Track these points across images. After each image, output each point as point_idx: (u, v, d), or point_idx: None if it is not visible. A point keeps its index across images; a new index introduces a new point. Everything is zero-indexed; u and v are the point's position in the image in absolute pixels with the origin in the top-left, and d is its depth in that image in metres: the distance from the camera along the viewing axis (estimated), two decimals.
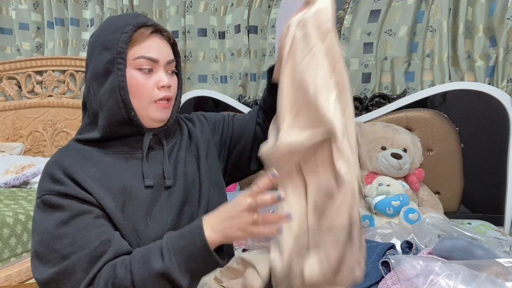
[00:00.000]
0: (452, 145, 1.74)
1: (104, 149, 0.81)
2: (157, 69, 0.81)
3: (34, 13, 2.28)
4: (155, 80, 0.80)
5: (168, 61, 0.83)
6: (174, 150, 0.89)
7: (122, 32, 0.77)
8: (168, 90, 0.82)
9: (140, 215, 0.77)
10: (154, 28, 0.81)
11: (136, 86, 0.78)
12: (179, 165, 0.87)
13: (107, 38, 0.78)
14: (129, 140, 0.82)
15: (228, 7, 2.08)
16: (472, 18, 1.73)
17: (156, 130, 0.85)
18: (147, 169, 0.82)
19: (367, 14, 1.87)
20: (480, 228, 1.53)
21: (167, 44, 0.84)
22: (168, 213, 0.81)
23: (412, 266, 0.85)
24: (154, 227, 0.78)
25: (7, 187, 1.82)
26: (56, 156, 0.80)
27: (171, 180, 0.84)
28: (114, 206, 0.75)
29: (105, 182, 0.76)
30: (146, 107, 0.80)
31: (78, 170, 0.75)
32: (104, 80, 0.77)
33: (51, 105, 2.20)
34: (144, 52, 0.79)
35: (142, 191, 0.80)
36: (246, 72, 2.07)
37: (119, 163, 0.81)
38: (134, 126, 0.80)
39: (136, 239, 0.76)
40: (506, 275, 0.83)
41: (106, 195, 0.75)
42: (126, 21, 0.79)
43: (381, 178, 1.60)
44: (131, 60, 0.78)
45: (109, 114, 0.78)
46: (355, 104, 1.95)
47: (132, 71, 0.78)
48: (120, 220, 0.75)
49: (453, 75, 1.76)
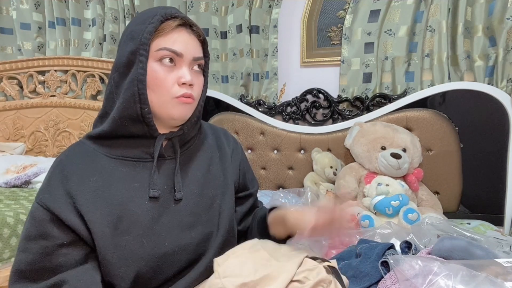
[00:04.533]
0: (451, 145, 1.74)
1: (113, 150, 0.77)
2: (181, 64, 0.75)
3: (35, 13, 2.28)
4: (177, 75, 0.74)
5: (194, 58, 0.76)
6: (192, 160, 0.82)
7: (149, 23, 0.72)
8: (189, 88, 0.75)
9: (135, 233, 0.72)
10: (183, 20, 0.75)
11: (155, 80, 0.73)
12: (190, 177, 0.80)
13: (134, 28, 0.74)
14: (139, 143, 0.77)
15: (229, 7, 2.08)
16: (472, 18, 1.73)
17: (170, 135, 0.79)
18: (156, 178, 0.76)
19: (367, 14, 1.88)
20: (480, 228, 1.54)
21: (195, 40, 0.78)
22: (169, 233, 0.75)
23: (411, 266, 0.85)
24: (149, 247, 0.73)
25: (7, 187, 1.81)
26: (64, 155, 0.77)
27: (181, 193, 0.77)
28: (106, 222, 0.70)
29: (103, 193, 0.72)
30: (166, 103, 0.74)
31: (76, 180, 0.72)
32: (127, 72, 0.73)
33: (53, 105, 2.20)
34: (168, 44, 0.73)
35: (143, 205, 0.74)
36: (248, 72, 2.08)
37: (125, 171, 0.75)
38: (146, 125, 0.75)
39: (126, 259, 0.71)
40: (505, 275, 0.83)
41: (99, 209, 0.71)
42: (156, 11, 0.74)
43: (380, 177, 1.60)
44: (154, 52, 0.73)
45: (123, 107, 0.73)
46: (356, 104, 1.96)
47: (153, 64, 0.73)
48: (107, 238, 0.70)
49: (453, 75, 1.77)
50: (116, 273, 0.71)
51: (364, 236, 1.31)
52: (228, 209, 0.84)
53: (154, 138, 0.77)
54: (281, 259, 0.72)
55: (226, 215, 0.83)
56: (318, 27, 2.02)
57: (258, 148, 2.05)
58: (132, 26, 0.75)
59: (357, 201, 1.63)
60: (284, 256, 0.74)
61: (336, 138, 1.93)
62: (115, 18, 2.20)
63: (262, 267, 0.69)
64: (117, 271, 0.71)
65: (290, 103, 2.07)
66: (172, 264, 0.75)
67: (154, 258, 0.72)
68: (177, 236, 0.76)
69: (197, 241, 0.78)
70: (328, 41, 2.02)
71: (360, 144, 1.69)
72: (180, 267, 0.76)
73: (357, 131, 1.75)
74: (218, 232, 0.81)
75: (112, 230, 0.71)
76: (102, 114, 0.79)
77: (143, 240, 0.72)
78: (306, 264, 0.72)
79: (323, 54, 2.03)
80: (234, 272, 0.69)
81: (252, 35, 2.05)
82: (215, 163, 0.87)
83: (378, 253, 1.05)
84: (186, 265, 0.77)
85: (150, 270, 0.73)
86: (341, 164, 1.88)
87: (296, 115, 2.06)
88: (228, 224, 0.83)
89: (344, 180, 1.66)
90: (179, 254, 0.75)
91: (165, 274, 0.75)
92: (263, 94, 2.10)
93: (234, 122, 2.07)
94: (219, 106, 2.15)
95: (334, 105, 1.99)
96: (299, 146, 2.00)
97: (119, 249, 0.71)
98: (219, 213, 0.82)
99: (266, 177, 2.06)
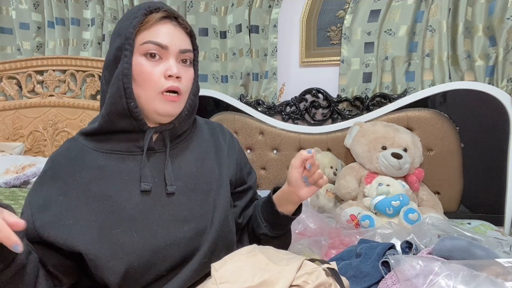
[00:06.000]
0: (452, 145, 1.74)
1: (102, 145, 0.77)
2: (167, 57, 0.74)
3: (34, 13, 2.28)
4: (163, 68, 0.74)
5: (181, 50, 0.75)
6: (184, 154, 0.82)
7: (134, 17, 0.73)
8: (177, 81, 0.74)
9: (125, 227, 0.71)
10: (167, 12, 0.75)
11: (141, 74, 0.72)
12: (184, 171, 0.80)
13: (121, 25, 0.74)
14: (128, 137, 0.76)
15: (229, 7, 2.08)
16: (472, 18, 1.73)
17: (160, 128, 0.78)
18: (146, 172, 0.75)
19: (367, 14, 1.88)
20: (480, 228, 1.53)
21: (182, 32, 0.77)
22: (161, 226, 0.74)
23: (412, 266, 0.85)
24: (140, 240, 0.71)
25: (7, 187, 1.81)
26: (55, 153, 0.79)
27: (173, 186, 0.76)
28: (94, 216, 0.71)
29: (91, 188, 0.73)
30: (152, 98, 0.74)
31: (64, 177, 0.74)
32: (114, 68, 0.73)
33: (52, 104, 2.20)
34: (152, 37, 0.73)
35: (134, 198, 0.73)
36: (248, 71, 2.08)
37: (113, 165, 0.75)
38: (134, 120, 0.74)
39: (116, 253, 0.70)
40: (505, 275, 0.83)
41: (87, 204, 0.71)
42: (140, 6, 0.74)
43: (381, 177, 1.60)
44: (139, 46, 0.73)
45: (110, 102, 0.73)
46: (356, 104, 1.95)
47: (139, 58, 0.73)
48: (94, 231, 0.70)
49: (453, 74, 1.76)
50: (105, 267, 0.70)
51: (364, 236, 1.30)
52: (223, 204, 0.83)
53: (143, 132, 0.77)
54: (280, 263, 0.71)
55: (221, 210, 0.82)
56: (318, 26, 2.02)
57: (258, 148, 2.05)
58: (120, 23, 0.76)
59: (357, 201, 1.62)
60: (283, 260, 0.73)
61: (336, 138, 1.93)
62: (114, 18, 2.20)
63: (260, 272, 0.68)
64: (106, 265, 0.70)
65: (289, 103, 2.06)
66: (164, 259, 0.74)
67: (145, 252, 0.71)
68: (169, 230, 0.75)
69: (190, 235, 0.76)
70: (327, 41, 2.02)
71: (360, 144, 1.69)
72: (173, 263, 0.75)
73: (356, 130, 1.74)
74: (212, 227, 0.79)
75: (101, 223, 0.71)
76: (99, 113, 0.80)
77: (133, 234, 0.72)
78: (305, 267, 0.72)
79: (322, 54, 2.03)
80: (232, 277, 0.68)
81: (251, 35, 2.04)
82: (210, 158, 0.86)
83: (378, 253, 1.05)
84: (179, 261, 0.75)
85: (142, 265, 0.71)
86: (341, 164, 1.88)
87: (296, 115, 2.05)
88: (222, 220, 0.81)
89: (345, 180, 1.66)
90: (172, 249, 0.74)
91: (157, 270, 0.73)
92: (262, 94, 2.10)
93: (233, 122, 2.07)
94: (219, 106, 2.15)
95: (333, 105, 1.99)
96: (298, 146, 2.00)
97: (108, 242, 0.70)
98: (214, 208, 0.81)
99: (266, 177, 2.05)
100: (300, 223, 1.40)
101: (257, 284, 0.66)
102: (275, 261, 0.72)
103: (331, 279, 0.72)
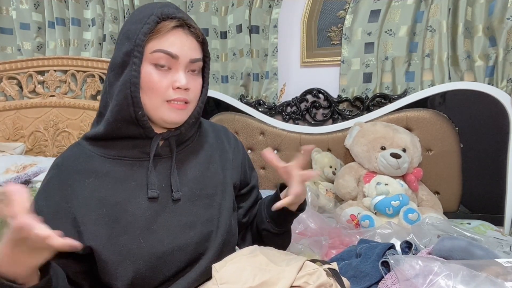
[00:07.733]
0: (451, 145, 1.74)
1: (108, 150, 0.76)
2: (177, 68, 0.73)
3: (35, 13, 2.28)
4: (172, 79, 0.73)
5: (191, 60, 0.74)
6: (190, 159, 0.81)
7: (145, 23, 0.70)
8: (184, 93, 0.74)
9: (133, 233, 0.72)
10: (180, 21, 0.73)
11: (148, 83, 0.71)
12: (189, 176, 0.80)
13: (130, 27, 0.72)
14: (135, 143, 0.76)
15: (229, 7, 2.08)
16: (472, 18, 1.73)
17: (167, 135, 0.78)
18: (153, 178, 0.75)
19: (367, 14, 1.88)
20: (480, 228, 1.54)
21: (193, 41, 0.75)
22: (168, 232, 0.74)
23: (411, 266, 0.85)
24: (148, 247, 0.72)
25: None
26: (61, 158, 0.78)
27: (179, 193, 0.76)
28: (103, 223, 0.71)
29: (99, 194, 0.72)
30: (158, 106, 0.73)
31: (72, 184, 0.73)
32: (121, 72, 0.72)
33: (53, 105, 2.20)
34: (164, 46, 0.71)
35: (142, 204, 0.73)
36: (248, 72, 2.08)
37: (120, 171, 0.75)
38: (141, 127, 0.74)
39: (124, 259, 0.70)
40: (505, 275, 0.83)
41: (95, 210, 0.71)
42: (152, 10, 0.72)
43: (379, 177, 1.60)
44: (148, 54, 0.71)
45: (117, 110, 0.72)
46: (356, 104, 1.95)
47: (148, 66, 0.72)
48: (103, 238, 0.70)
49: (453, 75, 1.77)
50: (114, 273, 0.70)
51: (364, 236, 1.31)
52: (228, 208, 0.83)
53: (150, 138, 0.76)
54: (280, 264, 0.71)
55: (226, 214, 0.82)
56: (318, 27, 2.02)
57: (258, 148, 2.05)
58: (128, 25, 0.74)
59: (357, 201, 1.63)
60: (283, 260, 0.73)
61: (336, 138, 1.93)
62: (115, 18, 2.20)
63: (261, 272, 0.68)
64: (114, 271, 0.70)
65: (290, 103, 2.06)
66: (171, 264, 0.74)
67: (152, 257, 0.72)
68: (176, 236, 0.75)
69: (196, 240, 0.77)
70: (328, 41, 2.02)
71: (360, 144, 1.69)
72: (179, 267, 0.75)
73: (357, 131, 1.75)
74: (218, 231, 0.80)
75: (109, 230, 0.71)
76: (98, 114, 0.79)
77: (140, 240, 0.72)
78: (306, 268, 0.72)
79: (323, 54, 2.03)
80: (232, 278, 0.68)
81: (252, 35, 2.04)
82: (215, 162, 0.86)
83: (378, 253, 1.05)
84: (185, 265, 0.76)
85: (149, 270, 0.72)
86: (341, 163, 1.88)
87: (296, 115, 2.06)
88: (228, 224, 0.82)
89: (343, 180, 1.66)
90: (178, 254, 0.74)
91: (164, 274, 0.74)
92: (263, 94, 2.10)
93: (234, 122, 2.07)
94: (219, 106, 2.15)
95: (334, 105, 1.99)
96: (299, 146, 2.00)
97: (116, 249, 0.71)
98: (219, 212, 0.81)
99: (266, 177, 2.06)
100: (300, 223, 1.41)
101: (258, 284, 0.66)
102: (276, 262, 0.72)
103: (332, 279, 0.73)
